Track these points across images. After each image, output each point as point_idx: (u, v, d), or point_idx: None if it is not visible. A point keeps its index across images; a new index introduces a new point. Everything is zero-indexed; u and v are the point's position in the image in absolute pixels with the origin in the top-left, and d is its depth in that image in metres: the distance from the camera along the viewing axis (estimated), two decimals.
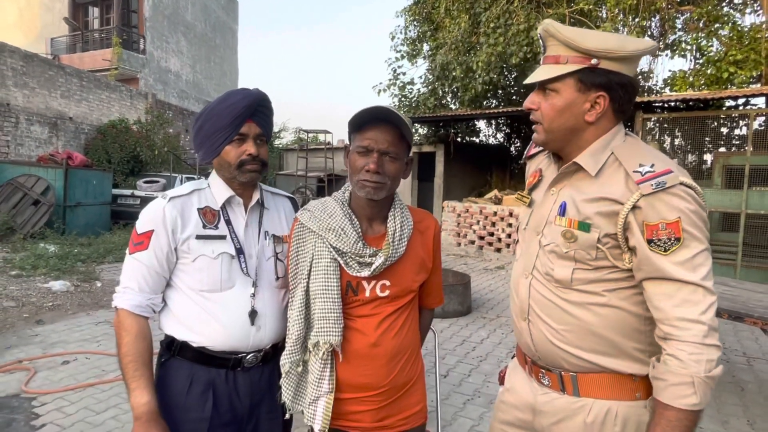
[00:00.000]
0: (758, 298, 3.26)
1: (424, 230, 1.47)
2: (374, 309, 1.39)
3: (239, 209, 1.48)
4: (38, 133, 11.74)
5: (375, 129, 1.32)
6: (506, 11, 10.57)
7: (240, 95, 1.40)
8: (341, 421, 1.39)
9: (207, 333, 1.38)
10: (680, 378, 1.02)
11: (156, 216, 1.37)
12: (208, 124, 1.40)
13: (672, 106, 8.76)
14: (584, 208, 1.16)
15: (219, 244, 1.41)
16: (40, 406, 3.20)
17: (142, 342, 1.33)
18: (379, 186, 1.32)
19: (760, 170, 7.46)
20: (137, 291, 1.36)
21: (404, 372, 1.42)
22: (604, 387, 1.18)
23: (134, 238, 1.38)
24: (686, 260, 1.05)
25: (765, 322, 2.72)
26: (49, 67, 12.28)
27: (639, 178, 1.09)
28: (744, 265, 7.41)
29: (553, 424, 1.24)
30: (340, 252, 1.35)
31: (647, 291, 1.10)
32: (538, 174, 1.35)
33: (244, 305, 1.41)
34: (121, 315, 1.34)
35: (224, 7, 23.27)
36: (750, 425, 3.25)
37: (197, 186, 1.47)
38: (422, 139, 13.99)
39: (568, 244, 1.17)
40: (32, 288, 6.11)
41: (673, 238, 1.05)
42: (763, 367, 4.36)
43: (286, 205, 1.64)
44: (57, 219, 9.64)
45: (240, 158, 1.40)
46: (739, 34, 9.50)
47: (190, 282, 1.40)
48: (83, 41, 19.22)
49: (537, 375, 1.28)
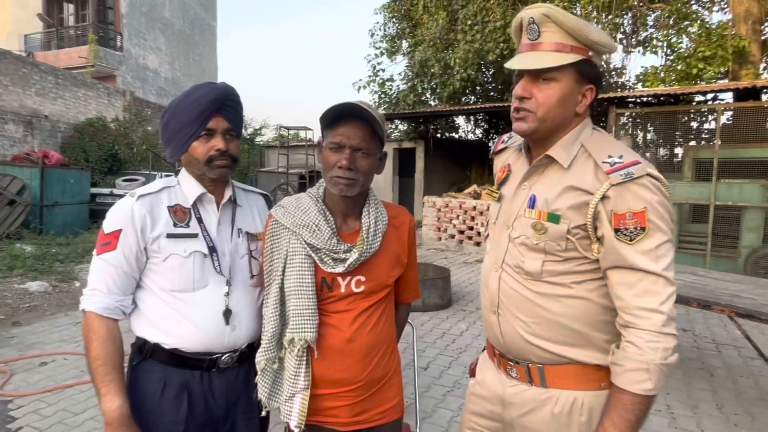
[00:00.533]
0: (725, 286, 3.34)
1: (399, 225, 1.47)
2: (349, 304, 1.38)
3: (211, 207, 1.44)
4: (12, 132, 11.41)
5: (347, 125, 1.31)
6: (483, 8, 10.62)
7: (206, 89, 1.35)
8: (318, 416, 1.39)
9: (180, 334, 1.34)
10: (636, 364, 1.05)
11: (124, 215, 1.31)
12: (174, 120, 1.36)
13: (644, 101, 8.91)
14: (554, 200, 1.16)
15: (191, 242, 1.36)
16: (16, 408, 3.13)
17: (111, 345, 1.28)
18: (351, 182, 1.31)
19: (728, 163, 7.63)
20: (106, 293, 1.30)
21: (380, 367, 1.42)
22: (570, 378, 1.19)
23: (101, 238, 1.32)
24: (650, 250, 1.06)
25: (732, 310, 2.79)
26: (23, 64, 11.94)
27: (608, 168, 1.10)
28: (713, 254, 7.59)
29: (521, 416, 1.25)
30: (314, 248, 1.34)
31: (611, 280, 1.11)
32: (506, 169, 1.35)
33: (218, 305, 1.37)
34: (90, 318, 1.29)
35: (202, 4, 22.88)
36: (719, 409, 3.33)
37: (167, 183, 1.41)
38: (402, 136, 13.99)
39: (538, 235, 1.17)
40: (8, 289, 5.96)
41: (639, 227, 1.06)
42: (732, 353, 4.47)
43: (260, 202, 1.59)
44: (34, 219, 9.41)
45: (208, 154, 1.35)
46: (708, 32, 9.71)
47: (161, 282, 1.35)
48: (58, 38, 18.71)
49: (505, 367, 1.29)
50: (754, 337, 4.77)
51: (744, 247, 7.38)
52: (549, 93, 1.14)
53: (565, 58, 1.11)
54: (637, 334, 1.05)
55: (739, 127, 7.83)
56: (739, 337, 4.78)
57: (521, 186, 1.26)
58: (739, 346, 4.60)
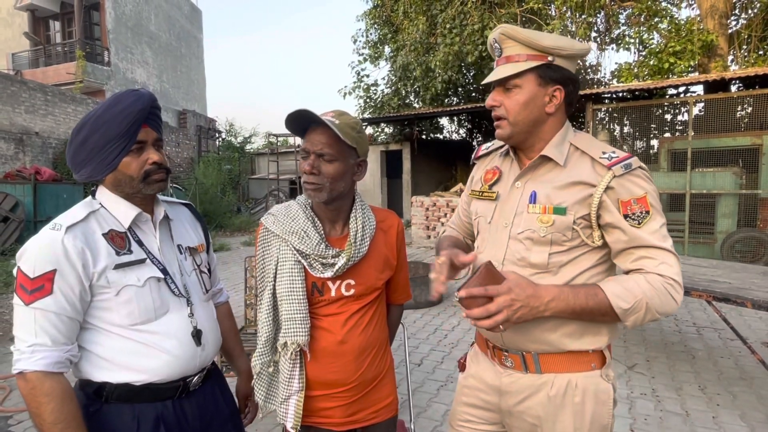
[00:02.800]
0: (702, 272, 3.38)
1: (387, 229, 1.46)
2: (340, 307, 1.38)
3: (147, 227, 1.28)
4: (4, 150, 11.23)
5: (311, 132, 1.31)
6: (461, 12, 10.66)
7: (132, 98, 1.19)
8: (313, 417, 1.39)
9: (152, 367, 1.19)
10: (634, 288, 1.12)
11: (54, 252, 1.10)
12: (96, 135, 1.17)
13: (619, 96, 9.00)
14: (557, 194, 1.21)
15: (141, 269, 1.21)
16: (16, 424, 3.08)
17: (69, 404, 1.09)
18: (316, 187, 1.30)
19: (701, 153, 7.75)
20: (50, 346, 1.08)
21: (373, 367, 1.42)
22: (563, 362, 1.24)
23: (26, 284, 1.08)
24: (656, 230, 1.15)
25: (709, 295, 2.82)
26: (11, 82, 11.76)
27: (608, 162, 1.18)
28: (691, 241, 7.69)
29: (518, 403, 1.28)
30: (303, 254, 1.34)
31: (629, 258, 1.18)
32: (497, 171, 1.38)
33: (185, 327, 1.26)
34: (33, 379, 1.06)
35: (188, 17, 22.71)
36: (701, 390, 3.37)
37: (90, 207, 1.21)
38: (389, 138, 14.00)
39: (545, 228, 1.21)
40: (5, 305, 5.87)
41: (644, 211, 1.15)
42: (712, 335, 4.53)
43: (185, 213, 1.46)
44: (28, 235, 9.25)
45: (144, 169, 1.21)
46: (677, 27, 9.83)
47: (116, 319, 1.17)
48: (46, 55, 18.44)
49: (500, 358, 1.31)
50: (732, 319, 4.84)
51: (720, 232, 7.49)
52: (515, 99, 1.22)
53: (521, 66, 1.20)
54: (657, 278, 1.12)
55: (710, 118, 7.95)
56: (718, 319, 4.85)
57: (514, 185, 1.30)
58: (719, 329, 4.66)
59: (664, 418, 3.01)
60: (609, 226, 1.18)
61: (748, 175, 7.49)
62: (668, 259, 1.14)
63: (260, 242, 1.40)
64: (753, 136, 7.54)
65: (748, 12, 11.24)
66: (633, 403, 3.21)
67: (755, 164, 7.45)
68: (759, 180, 7.38)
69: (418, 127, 14.12)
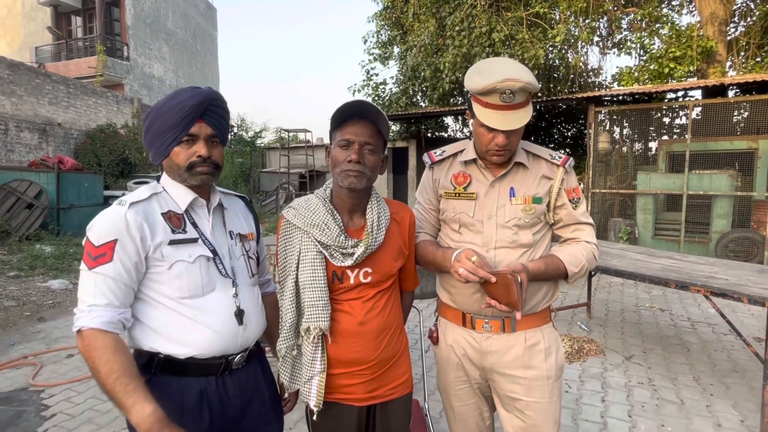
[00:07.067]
0: (700, 269, 3.40)
1: (400, 220, 1.50)
2: (359, 293, 1.42)
3: (202, 211, 1.34)
4: (28, 140, 11.32)
5: (355, 124, 1.35)
6: (469, 15, 10.61)
7: (189, 93, 1.24)
8: (336, 394, 1.42)
9: (195, 341, 1.23)
10: (579, 255, 1.49)
11: (117, 224, 1.17)
12: (156, 123, 1.24)
13: (620, 99, 8.97)
14: (531, 188, 1.50)
15: (193, 247, 1.26)
16: (48, 398, 3.15)
17: (123, 356, 1.11)
18: (360, 175, 1.35)
19: (699, 155, 7.73)
20: (106, 306, 1.14)
21: (390, 346, 1.46)
22: (531, 320, 1.53)
23: (91, 251, 1.16)
24: (585, 211, 1.56)
25: (707, 290, 2.85)
26: (36, 75, 11.82)
27: (559, 161, 1.52)
28: (687, 240, 7.69)
29: (498, 359, 1.52)
30: (324, 245, 1.37)
31: (569, 229, 1.56)
32: (468, 176, 1.57)
33: (229, 306, 1.30)
34: (89, 336, 1.11)
35: (203, 14, 22.71)
36: (696, 380, 3.41)
37: (153, 190, 1.29)
38: (396, 136, 13.99)
39: (528, 215, 1.48)
40: (31, 287, 5.95)
41: (578, 197, 1.54)
42: (706, 329, 4.56)
43: (240, 204, 1.52)
44: (51, 221, 9.37)
45: (190, 160, 1.25)
46: (678, 33, 9.76)
47: (167, 291, 1.22)
48: (67, 49, 18.49)
49: (479, 326, 1.54)
50: (727, 314, 4.88)
51: (714, 232, 7.48)
52: (518, 134, 1.44)
53: (530, 110, 1.40)
54: (585, 245, 1.53)
55: (708, 122, 7.93)
56: (712, 315, 4.88)
57: (491, 186, 1.52)
58: (713, 323, 4.69)
59: (660, 405, 3.05)
60: (559, 207, 1.53)
61: (743, 178, 7.48)
62: (592, 231, 1.56)
63: (282, 234, 1.43)
64: (749, 140, 7.52)
65: (747, 20, 11.15)
66: (631, 391, 3.25)
67: (751, 167, 7.44)
68: (754, 183, 7.37)
69: (425, 126, 14.11)
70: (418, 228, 1.64)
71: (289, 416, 2.85)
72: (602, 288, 6.28)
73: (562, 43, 10.13)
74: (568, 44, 10.69)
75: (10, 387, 3.29)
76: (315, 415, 1.40)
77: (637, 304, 5.49)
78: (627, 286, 6.37)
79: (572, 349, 3.95)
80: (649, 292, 6.01)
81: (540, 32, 10.54)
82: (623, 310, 5.28)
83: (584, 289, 5.42)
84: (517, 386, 1.50)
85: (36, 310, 5.18)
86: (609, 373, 3.53)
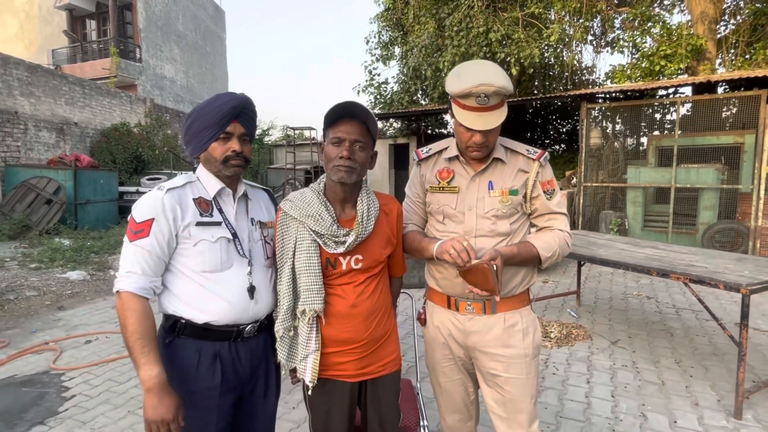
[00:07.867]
0: (682, 258, 3.44)
1: (389, 212, 1.57)
2: (351, 278, 1.49)
3: (228, 199, 1.48)
4: (46, 138, 11.43)
5: (346, 123, 1.42)
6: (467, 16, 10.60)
7: (227, 97, 1.40)
8: (329, 371, 1.49)
9: (211, 309, 1.38)
10: (552, 242, 1.56)
11: (155, 205, 1.33)
12: (197, 122, 1.39)
13: (612, 96, 8.96)
14: (507, 181, 1.57)
15: (216, 229, 1.40)
16: (68, 380, 3.24)
17: (147, 321, 1.28)
18: (350, 170, 1.41)
19: (686, 150, 7.74)
20: (140, 274, 1.30)
21: (380, 327, 1.53)
22: (510, 302, 1.59)
23: (133, 226, 1.33)
24: (559, 201, 1.61)
25: (686, 277, 2.89)
26: (53, 76, 11.91)
27: (535, 156, 1.58)
28: (675, 231, 7.71)
29: (480, 339, 1.59)
30: (318, 234, 1.44)
31: (543, 219, 1.62)
32: (451, 172, 1.63)
33: (243, 282, 1.43)
34: (125, 297, 1.28)
35: (212, 17, 22.70)
36: (677, 363, 3.47)
37: (189, 179, 1.45)
38: (397, 132, 14.01)
39: (505, 206, 1.55)
40: (51, 278, 6.06)
41: (553, 189, 1.60)
42: (689, 316, 4.61)
43: (264, 196, 1.67)
44: (69, 216, 9.48)
45: (225, 154, 1.40)
46: (669, 32, 9.72)
47: (191, 264, 1.37)
48: (83, 52, 18.56)
49: (462, 308, 1.61)
50: (710, 302, 4.92)
51: (701, 224, 7.50)
52: (495, 132, 1.50)
53: (504, 111, 1.45)
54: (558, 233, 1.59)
55: (697, 118, 7.92)
56: (696, 302, 4.92)
57: (472, 180, 1.58)
58: (696, 310, 4.74)
59: (642, 386, 3.11)
60: (534, 198, 1.59)
61: (729, 171, 7.48)
62: (565, 220, 1.61)
63: (280, 225, 1.50)
64: (736, 135, 7.51)
65: (737, 18, 11.07)
66: (615, 373, 3.31)
67: (737, 161, 7.44)
68: (740, 176, 7.37)
69: (424, 123, 14.12)
70: (406, 219, 1.70)
71: (292, 395, 2.94)
72: (593, 277, 6.33)
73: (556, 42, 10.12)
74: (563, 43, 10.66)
75: (33, 371, 3.39)
76: (310, 390, 1.48)
77: (625, 293, 5.54)
78: (616, 276, 6.42)
79: (561, 334, 4.01)
80: (637, 281, 6.05)
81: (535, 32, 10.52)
82: (611, 298, 5.33)
83: (575, 278, 5.47)
84: (497, 363, 1.57)
85: (56, 299, 5.29)
86: (595, 357, 3.59)
